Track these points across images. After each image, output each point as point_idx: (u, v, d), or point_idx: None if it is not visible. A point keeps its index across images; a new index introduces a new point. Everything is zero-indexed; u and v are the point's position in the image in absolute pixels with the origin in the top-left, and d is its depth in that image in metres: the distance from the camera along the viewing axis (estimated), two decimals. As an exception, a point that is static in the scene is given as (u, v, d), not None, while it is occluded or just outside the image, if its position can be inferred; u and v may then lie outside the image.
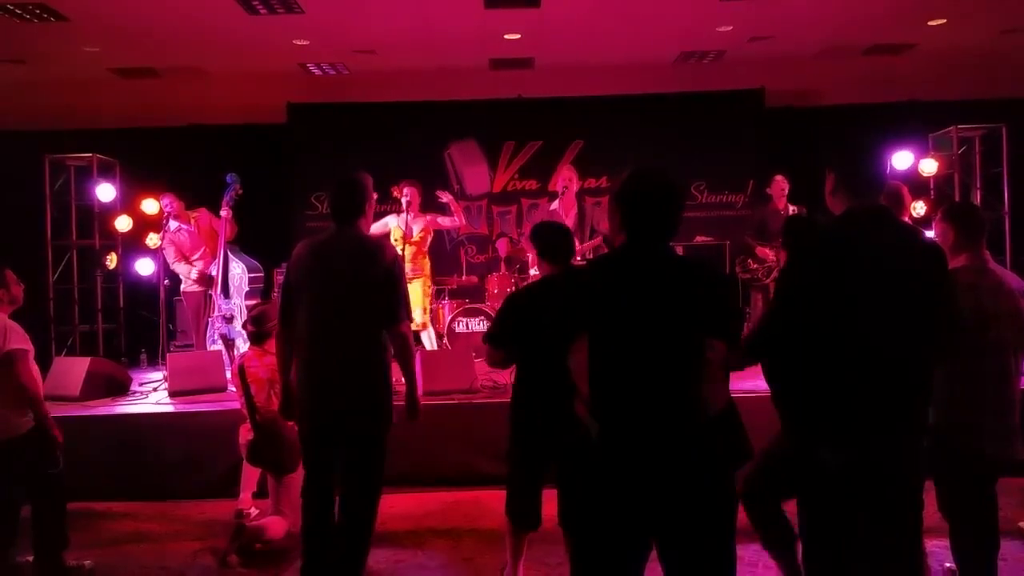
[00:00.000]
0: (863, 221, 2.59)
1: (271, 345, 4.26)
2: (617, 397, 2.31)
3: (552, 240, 3.70)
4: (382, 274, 3.52)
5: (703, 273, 2.43)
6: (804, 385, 2.61)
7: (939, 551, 3.74)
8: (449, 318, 7.86)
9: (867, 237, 2.55)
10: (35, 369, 4.00)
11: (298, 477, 3.81)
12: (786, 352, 2.60)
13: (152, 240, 8.26)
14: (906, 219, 4.13)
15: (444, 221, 7.14)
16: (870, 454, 2.55)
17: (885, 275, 2.52)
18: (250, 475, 4.89)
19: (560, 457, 3.31)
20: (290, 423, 3.84)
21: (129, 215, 8.71)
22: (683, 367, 2.29)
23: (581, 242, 6.73)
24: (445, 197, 7.12)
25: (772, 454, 3.18)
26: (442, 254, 9.02)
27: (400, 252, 6.54)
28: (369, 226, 3.80)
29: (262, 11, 7.38)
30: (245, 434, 4.55)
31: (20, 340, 3.93)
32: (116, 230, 8.83)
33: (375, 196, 3.77)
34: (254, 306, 4.55)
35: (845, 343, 2.51)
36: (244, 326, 4.48)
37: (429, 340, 7.16)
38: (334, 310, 3.50)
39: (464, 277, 8.77)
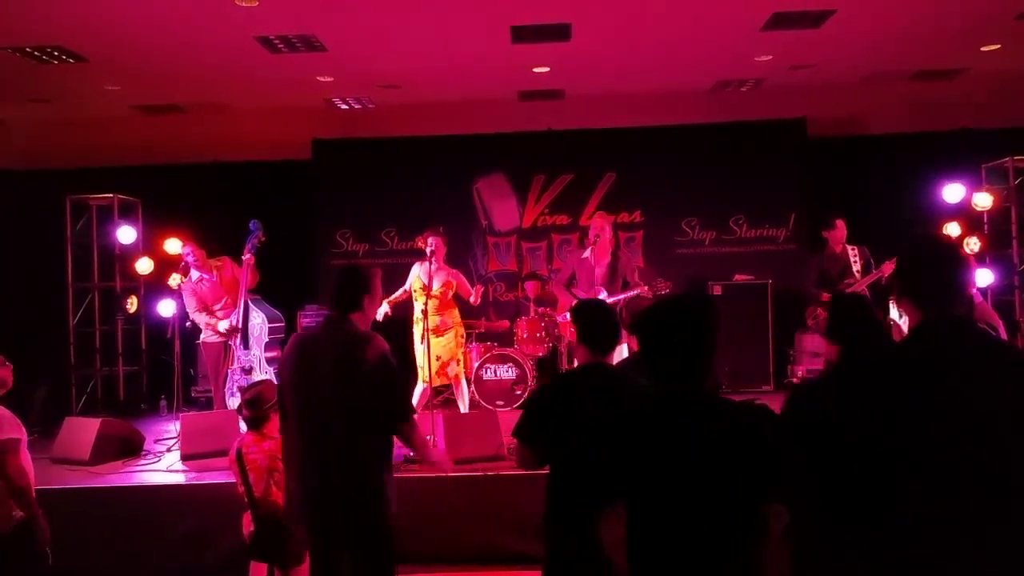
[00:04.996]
0: (934, 347, 2.05)
1: (269, 429, 3.98)
2: None
3: (594, 326, 3.25)
4: (371, 374, 3.21)
5: (752, 422, 2.04)
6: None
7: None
8: (476, 364, 7.54)
9: (942, 372, 1.99)
10: (27, 460, 3.73)
11: (306, 569, 3.53)
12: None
13: (174, 280, 8.06)
14: (973, 291, 3.74)
15: (463, 290, 6.74)
16: None
17: (966, 418, 1.95)
18: (258, 563, 4.58)
19: None
20: None
21: (151, 256, 8.61)
22: (741, 542, 1.92)
23: (611, 294, 6.36)
24: (475, 294, 6.74)
25: None
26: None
27: (423, 305, 6.25)
28: (369, 322, 3.46)
29: (284, 50, 7.18)
30: (247, 525, 4.25)
31: (13, 429, 3.67)
32: (137, 273, 8.69)
33: (380, 295, 3.50)
34: (248, 388, 4.24)
35: (919, 503, 1.91)
36: (239, 410, 4.19)
37: (461, 397, 6.79)
38: (320, 415, 3.22)
39: (493, 321, 8.43)
